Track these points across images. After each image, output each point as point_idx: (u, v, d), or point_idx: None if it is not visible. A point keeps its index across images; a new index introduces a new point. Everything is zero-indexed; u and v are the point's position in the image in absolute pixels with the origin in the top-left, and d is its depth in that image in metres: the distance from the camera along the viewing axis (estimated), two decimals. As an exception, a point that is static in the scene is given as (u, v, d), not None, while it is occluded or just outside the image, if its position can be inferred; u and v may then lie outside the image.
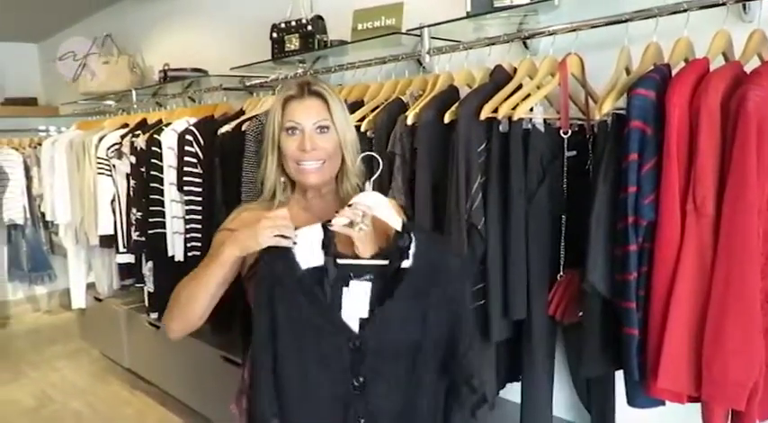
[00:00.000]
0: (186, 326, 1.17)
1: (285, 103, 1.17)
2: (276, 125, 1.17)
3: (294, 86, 1.18)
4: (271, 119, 1.18)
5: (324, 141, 1.15)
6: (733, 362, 1.00)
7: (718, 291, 1.01)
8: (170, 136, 2.47)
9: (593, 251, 1.17)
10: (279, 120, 1.17)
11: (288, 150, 1.16)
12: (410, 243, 1.02)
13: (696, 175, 1.03)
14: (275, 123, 1.17)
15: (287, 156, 1.17)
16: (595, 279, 1.17)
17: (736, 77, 1.05)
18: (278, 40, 2.21)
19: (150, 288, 2.76)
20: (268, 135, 1.19)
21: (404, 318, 1.02)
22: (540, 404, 1.45)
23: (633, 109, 1.10)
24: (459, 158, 1.35)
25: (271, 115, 1.18)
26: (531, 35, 1.55)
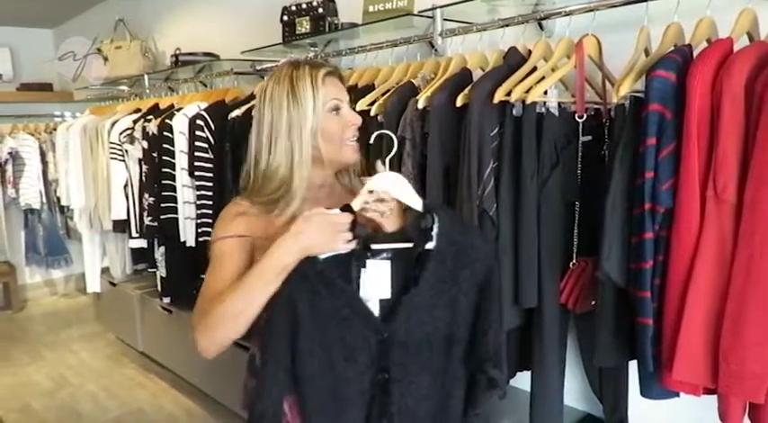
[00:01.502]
0: (227, 343, 1.02)
1: (324, 81, 1.06)
2: (319, 106, 1.05)
3: (322, 64, 1.09)
4: (305, 99, 1.04)
5: (355, 116, 1.13)
6: (752, 354, 0.97)
7: (738, 280, 0.98)
8: (181, 121, 2.47)
9: (608, 239, 1.14)
10: (323, 99, 1.05)
11: (334, 128, 1.08)
12: (433, 223, 0.97)
13: (717, 160, 0.99)
14: (316, 104, 1.04)
15: (332, 136, 1.08)
16: (610, 268, 1.14)
17: (762, 58, 0.99)
18: (289, 22, 2.18)
19: (162, 273, 2.78)
20: (299, 119, 1.04)
21: (432, 305, 0.96)
22: (550, 394, 1.43)
23: (652, 91, 1.05)
24: (471, 143, 1.31)
25: (304, 96, 1.04)
26: (546, 16, 1.50)
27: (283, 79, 1.06)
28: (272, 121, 1.06)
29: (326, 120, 1.07)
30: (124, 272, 3.35)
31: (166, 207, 2.55)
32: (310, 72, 1.06)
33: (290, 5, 2.19)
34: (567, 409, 1.77)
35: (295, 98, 1.04)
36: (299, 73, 1.06)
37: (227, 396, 2.72)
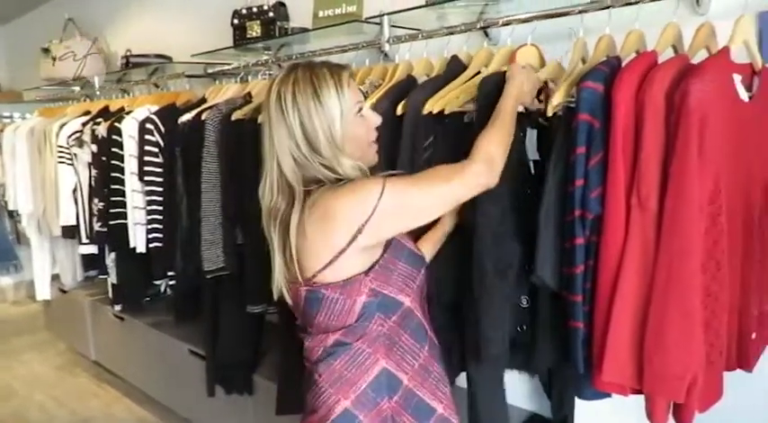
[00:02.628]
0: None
1: (349, 86, 1.09)
2: (350, 109, 1.08)
3: (340, 67, 1.10)
4: (332, 109, 1.05)
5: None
6: (673, 355, 1.01)
7: (659, 285, 1.01)
8: (131, 124, 2.41)
9: (543, 245, 1.17)
10: (348, 104, 1.07)
11: (361, 132, 1.11)
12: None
13: (640, 169, 1.02)
14: (344, 109, 1.06)
15: (359, 138, 1.11)
16: (544, 273, 1.17)
17: (682, 71, 1.04)
18: (239, 26, 2.16)
19: (114, 280, 2.72)
20: (330, 127, 1.05)
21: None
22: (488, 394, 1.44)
23: (581, 102, 1.08)
24: (403, 153, 1.34)
25: (333, 100, 1.05)
26: (487, 25, 1.53)
27: (305, 85, 1.06)
28: (306, 130, 1.06)
29: (352, 123, 1.08)
30: (75, 279, 3.26)
31: (116, 212, 2.50)
32: (332, 76, 1.07)
33: (240, 9, 2.17)
34: (513, 409, 1.81)
35: (322, 105, 1.05)
36: (321, 78, 1.06)
37: (180, 404, 2.68)
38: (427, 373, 1.13)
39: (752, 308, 1.20)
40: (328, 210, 1.03)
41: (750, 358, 1.25)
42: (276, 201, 1.10)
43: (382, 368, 1.08)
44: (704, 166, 0.98)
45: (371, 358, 1.08)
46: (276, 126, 1.08)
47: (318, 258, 1.05)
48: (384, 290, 1.08)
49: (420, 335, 1.13)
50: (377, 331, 1.08)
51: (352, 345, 1.08)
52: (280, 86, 1.08)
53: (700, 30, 1.17)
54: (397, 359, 1.09)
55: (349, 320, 1.07)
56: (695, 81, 0.97)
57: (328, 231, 1.03)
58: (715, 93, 1.00)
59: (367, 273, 1.07)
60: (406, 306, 1.11)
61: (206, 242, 2.01)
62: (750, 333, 1.24)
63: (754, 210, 1.20)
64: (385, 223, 1.03)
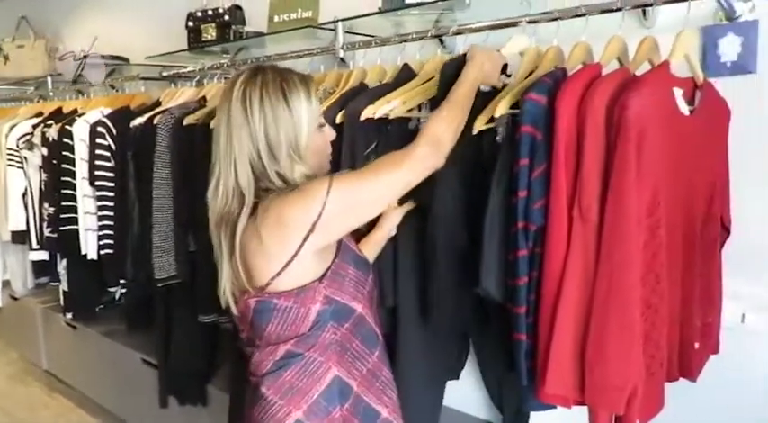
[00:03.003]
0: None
1: (316, 99, 1.08)
2: (314, 122, 1.07)
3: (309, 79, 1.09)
4: (300, 118, 1.04)
5: None
6: (613, 367, 1.01)
7: (599, 297, 1.02)
8: (82, 127, 2.35)
9: (487, 257, 1.16)
10: (315, 117, 1.08)
11: (321, 145, 1.11)
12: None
13: (581, 181, 1.02)
14: (311, 120, 1.06)
15: (319, 151, 1.11)
16: (489, 284, 1.16)
17: (623, 84, 1.04)
18: (194, 29, 2.12)
19: (65, 287, 2.64)
20: (297, 136, 1.04)
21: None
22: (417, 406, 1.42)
23: (524, 114, 1.08)
24: (343, 160, 1.34)
25: (298, 115, 1.04)
26: (439, 34, 1.52)
27: (275, 89, 1.03)
28: (270, 136, 1.03)
29: (314, 135, 1.07)
30: (26, 285, 3.15)
31: (66, 218, 2.42)
32: (303, 85, 1.06)
33: (195, 11, 2.13)
34: (468, 419, 1.81)
35: (291, 114, 1.03)
36: (291, 85, 1.05)
37: (134, 414, 2.61)
38: (375, 378, 1.12)
39: (694, 319, 1.21)
40: (281, 216, 1.00)
41: (693, 368, 1.27)
42: (230, 205, 1.06)
43: (334, 376, 1.07)
44: (642, 179, 0.99)
45: (324, 367, 1.06)
46: (237, 128, 1.03)
47: (272, 266, 1.02)
48: (337, 296, 1.07)
49: (371, 340, 1.12)
50: (329, 339, 1.06)
51: (303, 354, 1.06)
52: (245, 86, 1.04)
53: (643, 43, 1.18)
54: (348, 365, 1.08)
55: (302, 329, 1.05)
56: (634, 95, 0.98)
57: (282, 237, 1.01)
58: (654, 106, 1.01)
59: (321, 279, 1.05)
60: (359, 313, 1.10)
61: (157, 249, 1.96)
62: (693, 343, 1.25)
63: (695, 223, 1.22)
64: (336, 220, 1.02)
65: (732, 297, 1.33)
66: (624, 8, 1.23)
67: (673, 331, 1.16)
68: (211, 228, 1.11)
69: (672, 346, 1.17)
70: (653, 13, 1.34)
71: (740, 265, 1.32)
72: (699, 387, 1.29)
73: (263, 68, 1.07)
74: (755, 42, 1.26)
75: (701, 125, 1.18)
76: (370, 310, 1.14)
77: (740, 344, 1.35)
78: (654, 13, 1.34)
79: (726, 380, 1.37)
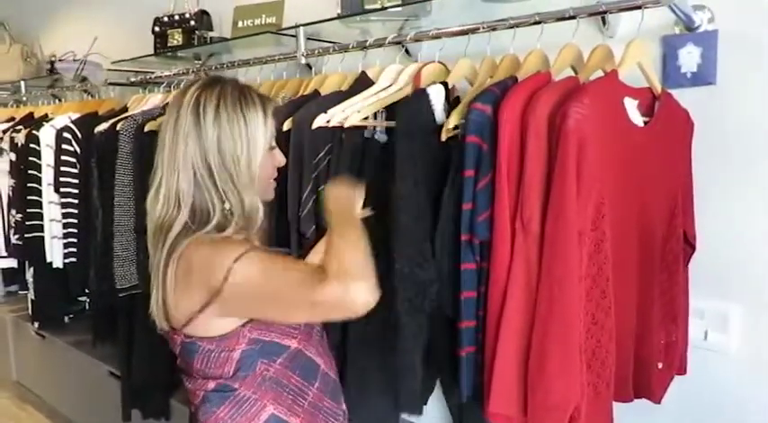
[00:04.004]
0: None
1: (271, 119, 1.02)
2: (267, 144, 1.01)
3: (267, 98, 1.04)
4: (256, 139, 0.99)
5: None
6: (554, 385, 0.97)
7: (541, 312, 0.98)
8: (48, 132, 2.31)
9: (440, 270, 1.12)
10: (269, 138, 1.02)
11: (269, 169, 1.05)
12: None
13: (524, 192, 0.99)
14: (265, 141, 1.00)
15: (265, 175, 1.05)
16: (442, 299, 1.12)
17: (568, 93, 1.01)
18: (160, 34, 2.08)
19: (32, 296, 2.59)
20: (251, 156, 0.98)
21: None
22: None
23: (470, 123, 1.05)
24: (291, 166, 1.32)
25: (256, 132, 0.99)
26: (398, 41, 1.49)
27: (233, 103, 0.98)
28: (223, 151, 0.97)
29: (265, 157, 1.02)
30: (-5, 293, 3.10)
31: (32, 225, 2.37)
32: (261, 103, 1.01)
33: (162, 16, 2.10)
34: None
35: (248, 131, 0.98)
36: (249, 100, 0.99)
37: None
38: (317, 409, 1.05)
39: (653, 337, 1.17)
40: (190, 270, 0.94)
41: (656, 389, 1.22)
42: (170, 215, 0.99)
43: (270, 415, 1.00)
44: (583, 191, 0.95)
45: (258, 405, 0.99)
46: (185, 135, 0.97)
47: (183, 314, 0.97)
48: (266, 337, 0.99)
49: (310, 373, 1.05)
50: (261, 375, 0.99)
51: (236, 391, 0.99)
52: (200, 92, 0.98)
53: (595, 51, 1.15)
54: (288, 403, 1.01)
55: (227, 370, 0.98)
56: (574, 104, 0.95)
57: (188, 292, 0.95)
58: (597, 116, 0.98)
59: (244, 324, 0.98)
60: (294, 348, 1.02)
61: (119, 258, 1.92)
62: (655, 363, 1.21)
63: (653, 237, 1.18)
64: (237, 300, 0.93)
65: (694, 314, 1.29)
66: (579, 16, 1.20)
67: (624, 349, 1.12)
68: (149, 237, 1.04)
69: (624, 365, 1.13)
70: (613, 22, 1.31)
71: (703, 281, 1.28)
72: (659, 407, 1.25)
73: (222, 79, 1.02)
74: (715, 53, 1.23)
75: (658, 136, 1.15)
76: (310, 341, 1.06)
77: (703, 362, 1.31)
78: (614, 22, 1.31)
79: (688, 400, 1.33)
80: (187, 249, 0.95)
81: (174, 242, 0.97)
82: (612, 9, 1.15)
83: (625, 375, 1.14)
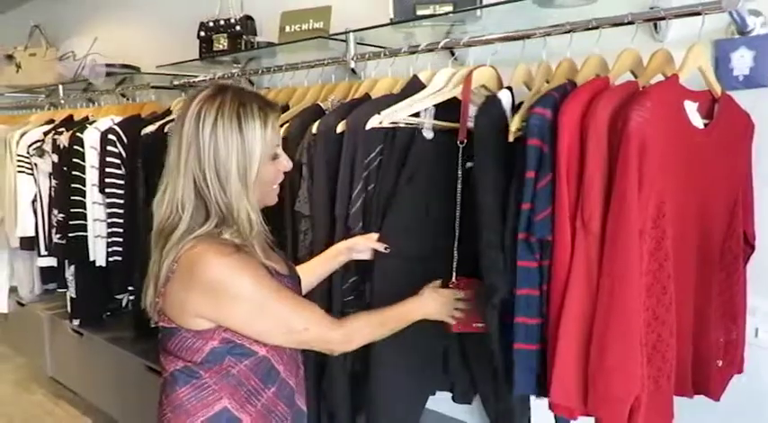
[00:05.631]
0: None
1: (273, 127, 1.06)
2: (267, 151, 1.05)
3: (270, 103, 1.07)
4: (252, 148, 1.02)
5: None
6: (614, 378, 1.01)
7: (601, 308, 1.01)
8: (93, 134, 2.38)
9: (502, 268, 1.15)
10: (270, 146, 1.06)
11: (270, 177, 1.09)
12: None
13: (584, 193, 1.03)
14: (263, 151, 1.04)
15: (267, 182, 1.09)
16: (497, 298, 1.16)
17: (628, 97, 1.05)
18: (206, 38, 2.14)
19: (72, 294, 2.64)
20: (247, 164, 1.03)
21: None
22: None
23: (530, 127, 1.08)
24: (343, 166, 1.38)
25: (253, 141, 1.03)
26: (448, 46, 1.53)
27: (230, 113, 1.02)
28: (218, 161, 1.02)
29: (265, 165, 1.06)
30: (33, 291, 3.16)
31: (75, 224, 2.44)
32: (260, 114, 1.04)
33: (207, 21, 2.15)
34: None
35: (244, 142, 1.02)
36: (248, 112, 1.03)
37: (139, 421, 2.58)
38: (269, 412, 1.11)
39: (711, 335, 1.19)
40: (184, 266, 1.02)
41: (714, 386, 1.24)
42: (173, 218, 1.05)
43: (223, 407, 1.07)
44: (644, 191, 0.99)
45: (215, 395, 1.07)
46: (187, 145, 1.03)
47: (174, 310, 1.05)
48: (239, 340, 1.07)
49: (270, 378, 1.11)
50: (226, 370, 1.07)
51: (199, 375, 1.07)
52: (202, 105, 1.03)
53: (655, 55, 1.18)
54: (242, 401, 1.08)
55: (196, 358, 1.06)
56: (636, 108, 0.98)
57: (181, 286, 1.03)
58: (659, 119, 1.01)
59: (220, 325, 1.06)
60: (261, 355, 1.09)
61: (166, 257, 1.97)
62: (714, 361, 1.23)
63: (713, 237, 1.20)
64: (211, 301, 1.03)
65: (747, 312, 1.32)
66: (636, 21, 1.23)
67: (684, 345, 1.15)
68: (152, 236, 1.11)
69: (683, 361, 1.16)
70: (665, 27, 1.34)
71: (755, 280, 1.30)
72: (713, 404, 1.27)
73: (225, 89, 1.05)
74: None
75: (718, 138, 1.17)
76: (277, 351, 1.12)
77: (755, 360, 1.33)
78: (666, 27, 1.34)
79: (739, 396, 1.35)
80: (184, 250, 1.02)
81: (174, 243, 1.03)
82: (670, 15, 1.19)
83: (684, 371, 1.17)
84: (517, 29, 1.43)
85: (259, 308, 1.05)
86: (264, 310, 1.05)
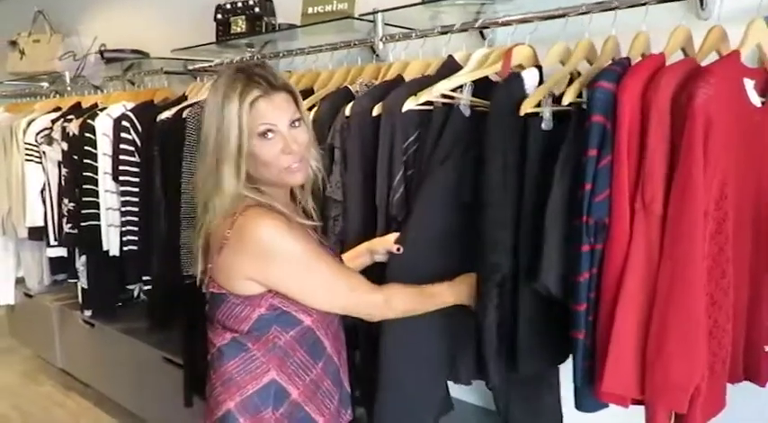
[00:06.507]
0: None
1: (252, 105, 1.04)
2: (245, 131, 1.04)
3: (258, 83, 1.05)
4: (230, 124, 1.03)
5: (300, 135, 1.10)
6: (675, 365, 0.98)
7: (662, 292, 0.99)
8: (105, 121, 2.32)
9: (547, 252, 1.12)
10: (249, 125, 1.04)
11: (267, 156, 1.07)
12: None
13: (645, 172, 1.00)
14: (242, 130, 1.03)
15: (267, 162, 1.08)
16: (549, 281, 1.12)
17: (689, 74, 1.02)
18: (223, 21, 2.08)
19: (84, 284, 2.60)
20: (225, 144, 1.04)
21: None
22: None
23: (594, 102, 1.04)
24: (382, 152, 1.35)
25: (228, 120, 1.03)
26: (484, 25, 1.49)
27: (216, 93, 1.06)
28: (212, 139, 1.05)
29: (257, 147, 1.06)
30: (41, 282, 3.11)
31: (88, 213, 2.38)
32: (240, 94, 1.04)
33: (224, 3, 2.10)
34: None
35: (222, 120, 1.04)
36: (230, 92, 1.04)
37: (154, 414, 2.56)
38: (317, 388, 1.14)
39: (764, 320, 1.17)
40: (234, 233, 1.05)
41: (762, 371, 1.21)
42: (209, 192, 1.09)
43: (272, 379, 1.09)
44: (709, 170, 0.96)
45: (263, 367, 1.09)
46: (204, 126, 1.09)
47: (224, 275, 1.08)
48: (286, 307, 1.09)
49: (316, 352, 1.14)
50: (273, 342, 1.09)
51: (247, 348, 1.09)
52: (212, 86, 1.10)
53: (711, 32, 1.15)
54: (290, 373, 1.11)
55: (243, 327, 1.09)
56: (701, 84, 0.95)
57: (235, 257, 1.05)
58: (722, 97, 0.98)
59: (270, 290, 1.08)
60: (306, 325, 1.11)
61: (185, 246, 1.93)
62: (762, 345, 1.21)
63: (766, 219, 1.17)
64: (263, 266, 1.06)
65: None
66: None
67: (738, 330, 1.13)
68: (199, 205, 1.14)
69: (736, 346, 1.14)
70: (711, 4, 1.30)
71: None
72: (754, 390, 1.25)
73: (228, 69, 1.09)
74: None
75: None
76: (323, 322, 1.15)
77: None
78: (711, 4, 1.30)
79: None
80: (236, 217, 1.05)
81: (218, 213, 1.07)
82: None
83: (736, 355, 1.14)
84: (558, 6, 1.39)
85: (306, 268, 1.07)
86: (311, 271, 1.07)
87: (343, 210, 1.47)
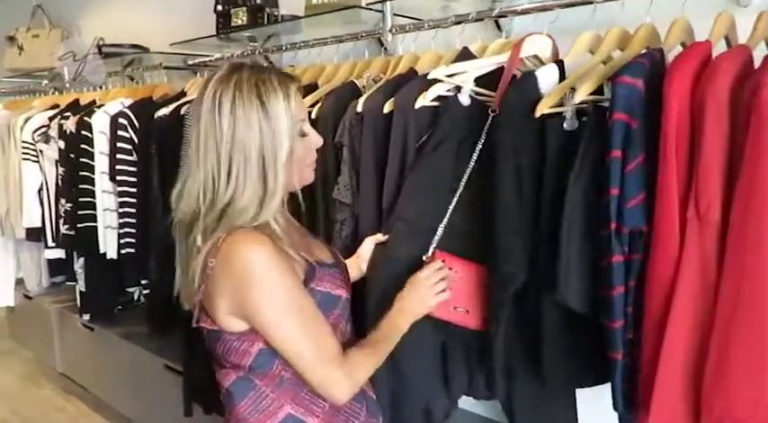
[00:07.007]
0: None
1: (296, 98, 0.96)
2: (294, 129, 0.95)
3: (290, 79, 0.97)
4: (279, 121, 0.93)
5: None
6: (740, 396, 0.86)
7: (724, 313, 0.86)
8: (102, 119, 2.22)
9: (564, 262, 1.00)
10: (295, 121, 0.95)
11: (302, 154, 1.00)
12: None
13: (699, 176, 0.87)
14: (291, 126, 0.94)
15: (301, 161, 1.00)
16: (569, 295, 1.01)
17: (746, 64, 0.89)
18: (223, 13, 1.98)
19: (82, 287, 2.51)
20: (275, 146, 0.93)
21: None
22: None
23: (618, 99, 0.92)
24: (393, 150, 1.25)
25: (277, 116, 0.93)
26: (500, 14, 1.37)
27: (249, 91, 0.92)
28: (241, 142, 0.92)
29: (297, 145, 0.97)
30: (40, 284, 3.02)
31: (84, 214, 2.29)
32: (281, 86, 0.94)
33: (224, -6, 1.99)
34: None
35: (268, 119, 0.92)
36: (268, 86, 0.93)
37: (154, 420, 2.47)
38: (338, 410, 1.03)
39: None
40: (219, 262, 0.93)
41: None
42: (195, 210, 0.97)
43: (287, 414, 1.00)
44: (780, 173, 0.83)
45: (276, 404, 1.00)
46: (204, 131, 0.93)
47: (213, 307, 0.96)
48: None
49: None
50: (279, 376, 1.00)
51: (255, 385, 1.00)
52: (217, 87, 0.93)
53: (760, 19, 1.03)
54: (306, 404, 1.01)
55: (245, 361, 0.99)
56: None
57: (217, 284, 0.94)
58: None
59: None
60: None
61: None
62: None
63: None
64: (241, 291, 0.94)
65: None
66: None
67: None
68: (175, 229, 1.03)
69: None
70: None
71: None
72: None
73: (240, 67, 0.96)
74: None
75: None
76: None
77: None
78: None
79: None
80: (220, 241, 0.94)
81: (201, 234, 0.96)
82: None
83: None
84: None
85: (286, 308, 0.95)
86: (285, 317, 0.95)
87: (351, 213, 1.37)
